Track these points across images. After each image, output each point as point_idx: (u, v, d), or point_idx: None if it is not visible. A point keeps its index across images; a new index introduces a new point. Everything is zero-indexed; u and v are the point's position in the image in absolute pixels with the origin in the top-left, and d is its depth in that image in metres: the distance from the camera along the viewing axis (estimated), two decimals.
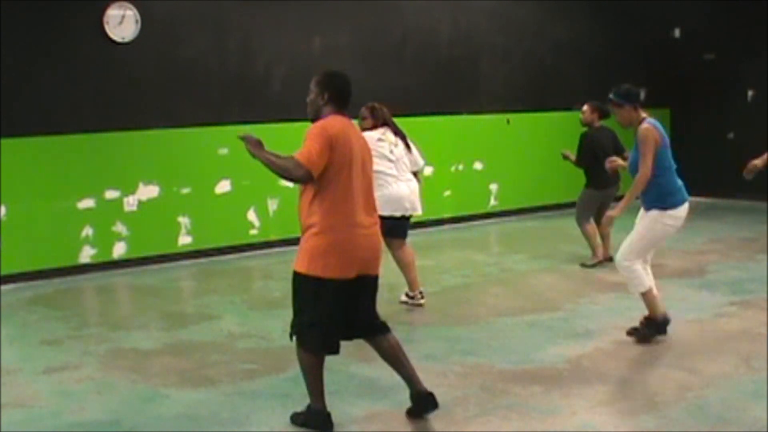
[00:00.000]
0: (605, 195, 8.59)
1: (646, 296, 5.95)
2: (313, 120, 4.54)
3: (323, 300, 4.38)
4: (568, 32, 12.74)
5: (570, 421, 4.64)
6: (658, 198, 5.82)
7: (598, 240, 8.53)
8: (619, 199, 8.62)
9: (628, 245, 5.90)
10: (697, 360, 5.55)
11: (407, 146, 7.00)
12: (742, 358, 5.59)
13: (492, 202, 12.06)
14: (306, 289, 4.43)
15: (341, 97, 4.54)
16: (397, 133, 6.96)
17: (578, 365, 5.54)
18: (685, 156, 13.76)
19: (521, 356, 5.75)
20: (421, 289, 7.15)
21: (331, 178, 4.33)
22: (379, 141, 6.76)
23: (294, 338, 4.51)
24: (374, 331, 4.64)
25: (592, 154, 8.38)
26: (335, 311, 4.42)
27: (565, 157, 8.76)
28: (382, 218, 6.29)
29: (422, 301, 7.10)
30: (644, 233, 5.87)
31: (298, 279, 4.45)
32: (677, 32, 13.81)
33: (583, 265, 8.50)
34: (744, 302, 6.90)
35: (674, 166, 5.93)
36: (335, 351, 4.52)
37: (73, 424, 4.75)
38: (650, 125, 5.78)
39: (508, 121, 12.03)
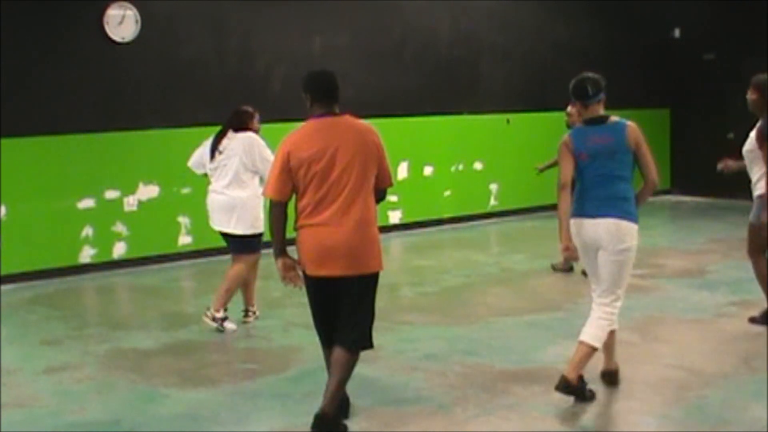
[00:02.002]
0: None
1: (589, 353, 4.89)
2: None
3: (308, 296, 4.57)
4: (568, 32, 12.74)
5: (570, 421, 4.64)
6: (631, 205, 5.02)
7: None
8: None
9: (623, 276, 4.93)
10: (697, 360, 5.55)
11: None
12: (742, 358, 5.59)
13: (492, 202, 12.06)
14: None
15: (321, 93, 4.48)
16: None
17: None
18: (685, 156, 13.90)
19: (521, 356, 5.75)
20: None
21: (303, 181, 4.38)
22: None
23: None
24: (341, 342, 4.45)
25: None
26: (313, 308, 4.57)
27: (542, 170, 8.67)
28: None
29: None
30: (628, 259, 4.94)
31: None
32: (677, 32, 13.81)
33: (554, 268, 8.43)
34: (744, 302, 6.89)
35: (585, 177, 5.05)
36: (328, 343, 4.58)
37: (73, 424, 4.75)
38: (566, 135, 5.21)
39: (508, 121, 12.03)
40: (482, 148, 11.83)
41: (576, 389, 4.76)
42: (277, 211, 4.42)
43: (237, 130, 6.41)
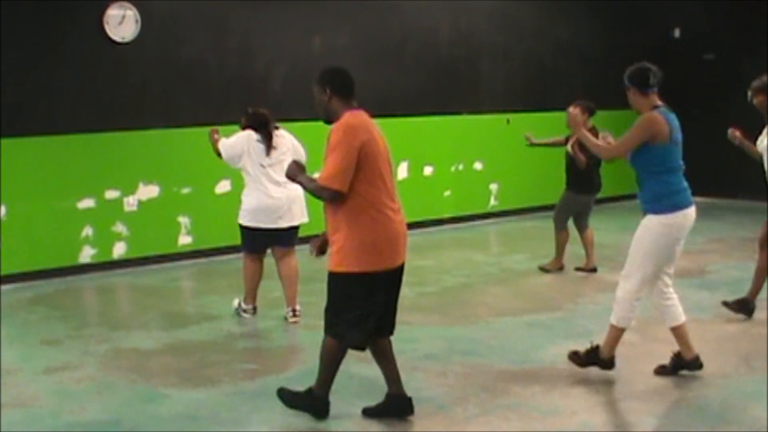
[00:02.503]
0: (585, 201, 8.34)
1: (611, 331, 5.28)
2: (327, 121, 4.49)
3: (371, 295, 4.45)
4: (568, 32, 12.74)
5: (570, 421, 4.64)
6: (652, 199, 5.08)
7: (565, 249, 8.41)
8: (598, 202, 8.62)
9: (627, 261, 5.19)
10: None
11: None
12: (742, 358, 5.59)
13: (492, 202, 12.06)
14: (350, 287, 4.43)
15: (345, 87, 4.48)
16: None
17: None
18: (685, 156, 13.88)
19: (521, 356, 5.76)
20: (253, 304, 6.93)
21: (372, 171, 4.37)
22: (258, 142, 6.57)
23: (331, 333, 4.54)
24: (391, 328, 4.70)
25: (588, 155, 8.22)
26: (373, 306, 4.49)
27: (532, 144, 8.86)
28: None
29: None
30: (638, 243, 5.12)
31: (340, 278, 4.46)
32: (677, 32, 13.80)
33: (542, 269, 8.44)
34: None
35: (678, 167, 5.10)
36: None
37: (73, 424, 4.75)
38: (656, 114, 5.02)
39: (508, 121, 12.02)
40: (482, 148, 11.83)
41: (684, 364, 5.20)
42: (333, 200, 4.36)
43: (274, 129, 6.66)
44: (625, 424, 4.60)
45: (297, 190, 6.38)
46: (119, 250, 8.95)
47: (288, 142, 6.67)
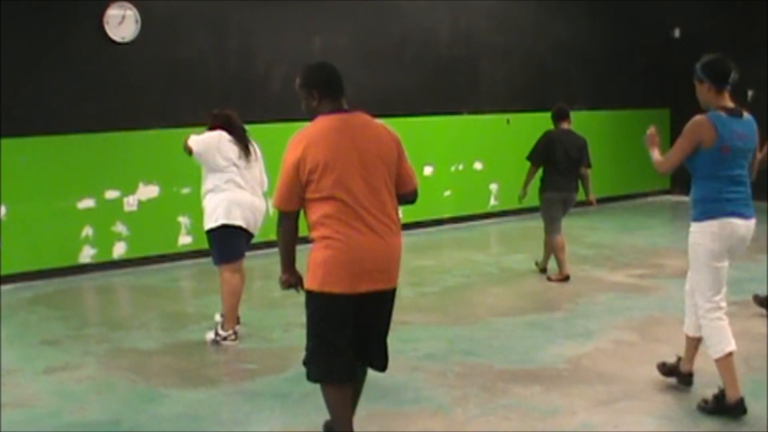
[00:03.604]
0: (560, 197, 8.13)
1: (719, 363, 4.70)
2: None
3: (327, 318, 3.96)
4: (568, 32, 12.74)
5: (570, 421, 4.64)
6: (691, 205, 4.74)
7: (564, 255, 8.05)
8: (579, 204, 8.38)
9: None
10: (697, 360, 5.54)
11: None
12: (742, 358, 5.57)
13: (492, 202, 12.06)
14: (309, 308, 4.01)
15: (332, 90, 3.99)
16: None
17: (578, 365, 5.54)
18: None
19: (521, 356, 5.75)
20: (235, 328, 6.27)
21: (322, 188, 3.86)
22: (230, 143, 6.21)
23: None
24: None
25: (545, 155, 8.09)
26: (337, 333, 3.97)
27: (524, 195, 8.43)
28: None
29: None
30: (690, 255, 4.74)
31: (306, 297, 4.03)
32: (677, 32, 13.80)
33: (543, 273, 8.31)
34: (744, 302, 6.88)
35: (723, 176, 4.59)
36: (347, 377, 4.04)
37: (73, 424, 4.75)
38: (703, 118, 4.59)
39: (508, 121, 12.02)
40: (482, 148, 11.83)
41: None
42: (289, 225, 3.95)
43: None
44: (625, 424, 4.60)
45: (260, 196, 6.25)
46: (119, 250, 8.95)
47: (256, 150, 6.33)
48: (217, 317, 6.38)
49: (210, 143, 6.18)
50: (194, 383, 5.35)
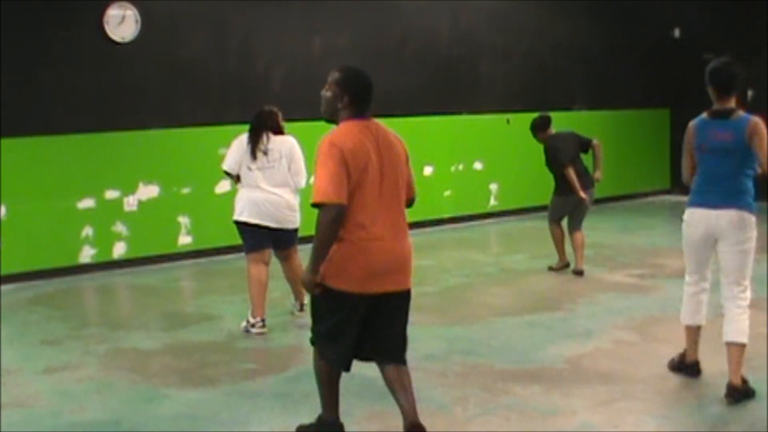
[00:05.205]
0: (569, 201, 8.27)
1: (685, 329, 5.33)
2: (328, 119, 4.19)
3: (337, 313, 4.11)
4: (568, 32, 12.74)
5: (570, 421, 4.64)
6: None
7: (564, 245, 8.43)
8: (597, 202, 8.64)
9: (747, 266, 5.22)
10: (699, 359, 5.54)
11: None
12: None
13: (492, 202, 12.06)
14: (320, 300, 4.15)
15: (363, 101, 4.09)
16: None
17: (578, 365, 5.54)
18: None
19: (521, 356, 5.75)
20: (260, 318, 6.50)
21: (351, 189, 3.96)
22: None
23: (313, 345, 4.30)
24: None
25: (555, 161, 8.28)
26: (349, 327, 4.13)
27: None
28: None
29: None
30: None
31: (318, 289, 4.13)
32: (677, 32, 13.80)
33: (551, 268, 8.48)
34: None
35: (701, 170, 5.07)
36: (347, 368, 4.30)
37: (73, 424, 4.75)
38: (690, 123, 5.21)
39: (508, 121, 12.03)
40: (482, 148, 11.83)
41: (745, 392, 4.87)
42: (339, 218, 3.89)
43: (275, 132, 6.38)
44: (625, 424, 4.59)
45: (283, 195, 6.33)
46: (119, 250, 8.95)
47: (285, 148, 6.38)
48: (243, 324, 6.54)
49: (229, 155, 6.47)
50: (194, 383, 5.35)
